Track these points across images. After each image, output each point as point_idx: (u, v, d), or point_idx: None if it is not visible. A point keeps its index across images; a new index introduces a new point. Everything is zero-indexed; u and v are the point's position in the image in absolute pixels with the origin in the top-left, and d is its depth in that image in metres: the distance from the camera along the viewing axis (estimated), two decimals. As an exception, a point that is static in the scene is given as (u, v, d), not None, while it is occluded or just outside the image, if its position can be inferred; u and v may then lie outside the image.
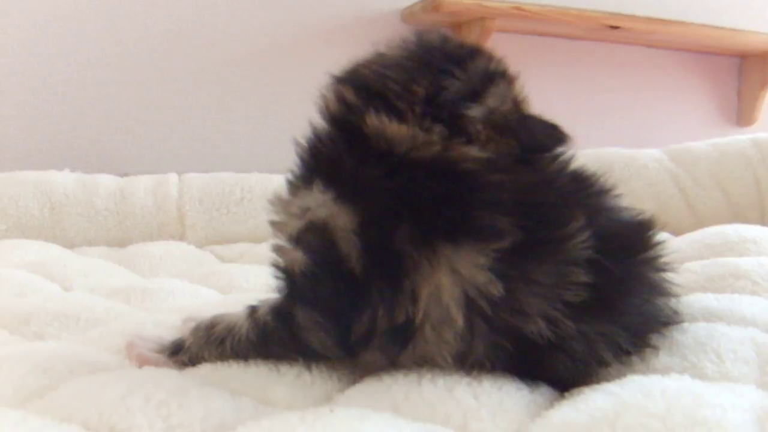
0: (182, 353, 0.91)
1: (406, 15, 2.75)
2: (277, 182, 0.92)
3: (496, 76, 0.93)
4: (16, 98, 2.35)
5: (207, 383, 0.82)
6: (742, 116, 3.38)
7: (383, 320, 0.81)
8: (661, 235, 0.93)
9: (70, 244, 1.89)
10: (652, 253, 0.91)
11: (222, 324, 0.90)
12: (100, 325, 1.13)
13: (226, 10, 2.57)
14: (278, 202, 0.90)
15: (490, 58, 0.95)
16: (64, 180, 2.01)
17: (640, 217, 0.93)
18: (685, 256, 1.43)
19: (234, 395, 0.80)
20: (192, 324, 0.95)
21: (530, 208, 0.82)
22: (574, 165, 0.92)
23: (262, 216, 0.90)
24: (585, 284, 0.80)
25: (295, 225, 0.86)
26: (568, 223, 0.82)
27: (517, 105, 0.93)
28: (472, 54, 0.94)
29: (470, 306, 0.79)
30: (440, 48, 0.94)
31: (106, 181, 2.06)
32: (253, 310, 0.89)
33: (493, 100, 0.90)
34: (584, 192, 0.90)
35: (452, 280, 0.79)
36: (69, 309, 1.18)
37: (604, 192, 0.92)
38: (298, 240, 0.86)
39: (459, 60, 0.92)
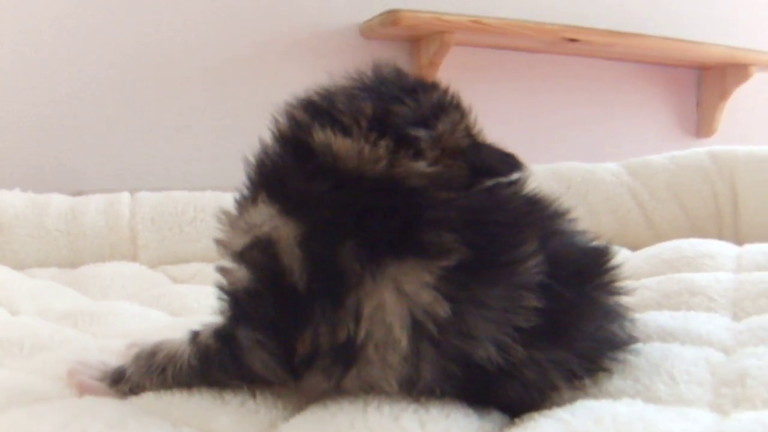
0: (123, 383, 0.89)
1: (365, 29, 2.74)
2: (230, 201, 0.91)
3: (449, 108, 0.92)
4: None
5: (148, 413, 0.80)
6: (702, 128, 3.41)
7: (325, 339, 0.80)
8: (617, 260, 0.92)
9: (19, 266, 1.85)
10: (606, 278, 0.89)
11: (163, 352, 0.88)
12: (44, 351, 1.11)
13: (183, 26, 2.55)
14: (225, 219, 0.89)
15: (445, 91, 0.94)
16: (13, 200, 1.97)
17: (596, 242, 0.93)
18: (642, 272, 1.43)
19: (175, 425, 0.78)
20: (135, 350, 0.92)
21: (480, 228, 0.81)
22: (529, 188, 0.91)
23: (215, 235, 0.90)
24: (537, 309, 0.78)
25: (240, 242, 0.85)
26: (520, 245, 0.80)
27: (469, 134, 0.92)
28: (425, 87, 0.94)
29: (416, 327, 0.77)
30: (393, 80, 0.94)
31: (57, 200, 2.02)
32: (195, 335, 0.87)
33: (443, 126, 0.89)
34: (538, 214, 0.89)
35: (396, 298, 0.77)
36: (13, 334, 1.15)
37: (558, 215, 0.91)
38: (242, 257, 0.84)
39: (411, 91, 0.91)
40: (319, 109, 0.88)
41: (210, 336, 0.85)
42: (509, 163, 0.89)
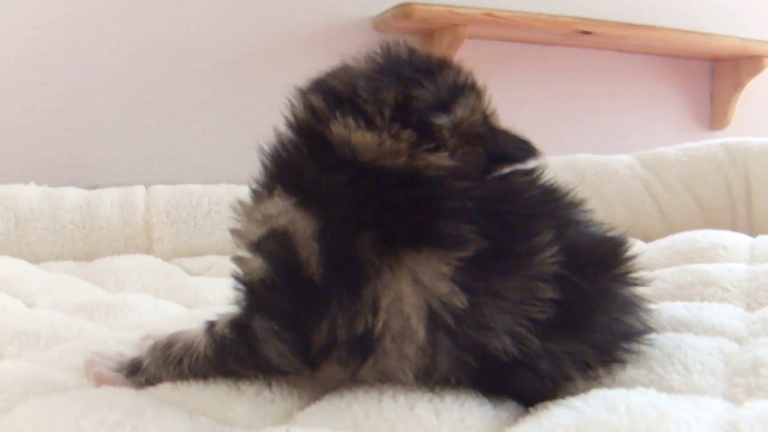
0: (140, 374, 0.89)
1: (378, 22, 2.74)
2: (245, 193, 0.91)
3: (465, 88, 0.92)
4: (-20, 112, 2.33)
5: (164, 403, 0.80)
6: (715, 120, 3.40)
7: (342, 330, 0.80)
8: (633, 250, 0.92)
9: (35, 259, 1.87)
10: (622, 268, 0.89)
11: (179, 343, 0.88)
12: (60, 343, 1.11)
13: (197, 20, 2.55)
14: (240, 210, 0.89)
15: (459, 70, 0.94)
16: (29, 194, 1.98)
17: (612, 232, 0.92)
18: (655, 263, 1.43)
19: (192, 415, 0.78)
20: (150, 342, 0.93)
21: (496, 218, 0.80)
22: (545, 178, 0.91)
23: (230, 225, 0.90)
24: (552, 301, 0.78)
25: (256, 232, 0.85)
26: (536, 235, 0.80)
27: (486, 117, 0.92)
28: (440, 66, 0.93)
29: (433, 318, 0.77)
30: (408, 60, 0.93)
31: (72, 194, 2.04)
32: (210, 326, 0.87)
33: (462, 110, 0.89)
34: (554, 204, 0.89)
35: (413, 289, 0.77)
36: (30, 326, 1.15)
37: (574, 205, 0.91)
38: (258, 247, 0.84)
39: (428, 71, 0.91)
40: (339, 97, 0.88)
41: (226, 326, 0.85)
42: (525, 149, 0.89)
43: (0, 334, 1.12)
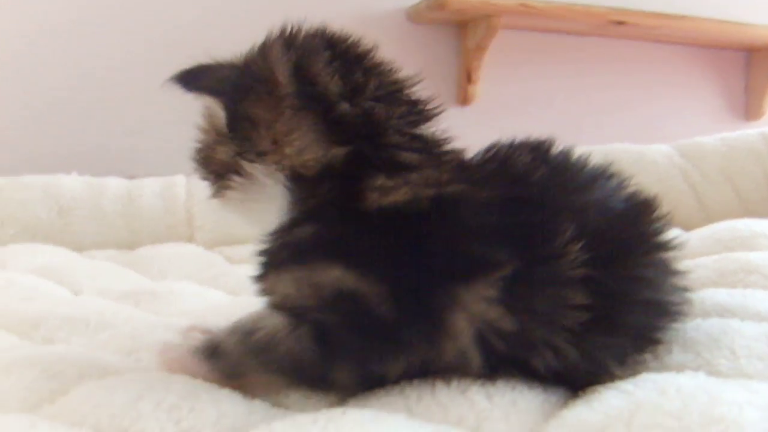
0: (221, 358, 0.83)
1: (412, 13, 2.74)
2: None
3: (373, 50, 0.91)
4: (23, 102, 2.35)
5: (219, 386, 0.81)
6: (750, 110, 3.37)
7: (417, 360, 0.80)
8: (659, 214, 0.89)
9: (78, 248, 1.89)
10: (651, 242, 0.86)
11: (262, 330, 0.81)
12: (109, 329, 1.12)
13: (229, 10, 2.56)
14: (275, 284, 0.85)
15: (356, 40, 0.93)
16: (71, 183, 2.01)
17: (635, 199, 0.89)
18: (696, 252, 1.42)
19: (246, 398, 0.79)
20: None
21: (519, 229, 0.79)
22: (554, 152, 0.89)
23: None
24: (583, 306, 0.77)
25: (310, 299, 0.80)
26: (558, 234, 0.78)
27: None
28: (354, 44, 0.93)
29: (486, 347, 0.78)
30: (354, 53, 0.92)
31: (114, 183, 2.06)
32: (296, 325, 0.81)
33: (402, 73, 0.89)
34: (568, 185, 0.85)
35: (467, 320, 0.77)
36: (78, 313, 1.17)
37: (591, 182, 0.87)
38: (323, 309, 0.80)
39: (369, 62, 0.91)
40: (364, 145, 0.83)
41: (310, 337, 0.80)
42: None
43: (49, 320, 1.14)
